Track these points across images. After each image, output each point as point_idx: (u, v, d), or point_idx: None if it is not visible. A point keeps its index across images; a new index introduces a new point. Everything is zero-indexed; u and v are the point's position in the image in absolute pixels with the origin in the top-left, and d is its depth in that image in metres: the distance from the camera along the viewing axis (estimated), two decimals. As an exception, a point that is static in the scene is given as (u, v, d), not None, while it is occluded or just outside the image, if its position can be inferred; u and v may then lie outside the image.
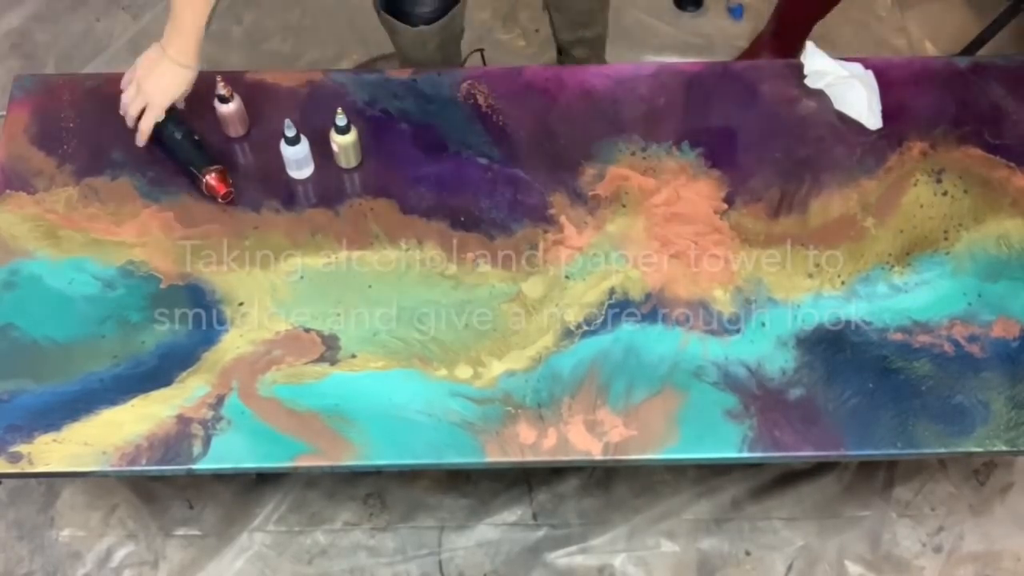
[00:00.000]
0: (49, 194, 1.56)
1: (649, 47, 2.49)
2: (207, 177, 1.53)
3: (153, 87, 1.52)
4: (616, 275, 1.51)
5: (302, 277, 1.50)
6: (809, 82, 1.66)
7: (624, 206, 1.57)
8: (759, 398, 1.42)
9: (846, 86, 1.63)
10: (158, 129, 1.56)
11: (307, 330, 1.46)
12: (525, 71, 1.72)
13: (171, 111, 1.56)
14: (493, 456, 1.38)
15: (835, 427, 1.40)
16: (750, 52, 2.34)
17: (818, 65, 1.66)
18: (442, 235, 1.54)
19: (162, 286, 1.49)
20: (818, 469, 1.94)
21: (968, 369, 1.45)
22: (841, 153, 1.63)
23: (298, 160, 1.55)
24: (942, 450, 1.40)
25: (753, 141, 1.63)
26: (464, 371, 1.43)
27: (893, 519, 1.91)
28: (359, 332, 1.46)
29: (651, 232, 1.55)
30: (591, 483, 1.92)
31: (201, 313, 1.47)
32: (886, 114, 1.66)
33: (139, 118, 1.55)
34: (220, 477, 1.89)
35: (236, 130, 1.61)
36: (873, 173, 1.61)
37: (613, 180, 1.60)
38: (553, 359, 1.44)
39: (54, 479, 1.88)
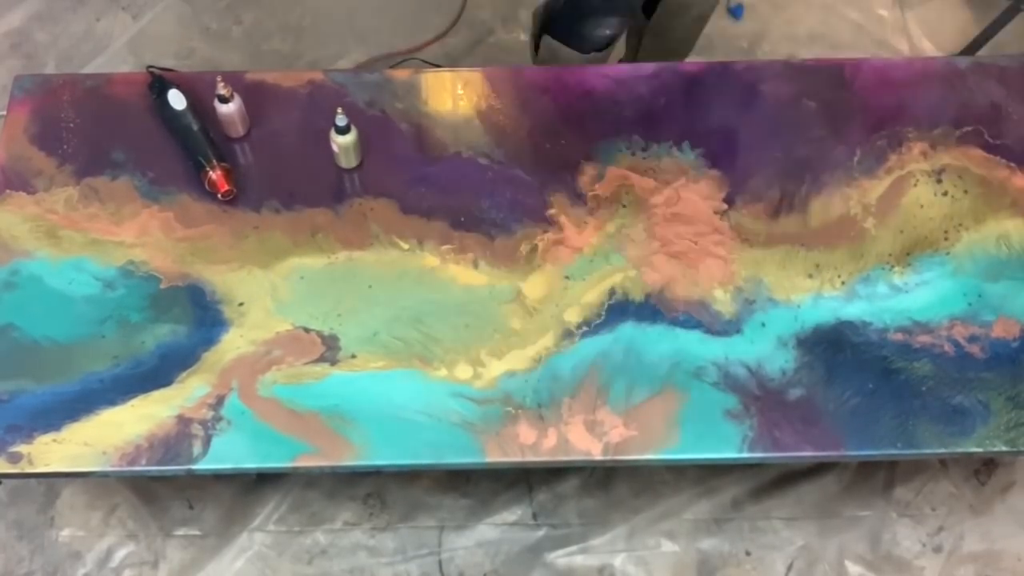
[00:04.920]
0: (49, 194, 1.56)
1: (649, 47, 2.48)
2: (213, 172, 1.53)
3: None
4: (616, 275, 1.51)
5: (302, 277, 1.50)
6: None
7: (624, 206, 1.57)
8: (759, 398, 1.42)
9: None
10: (174, 116, 1.56)
11: (307, 330, 1.46)
12: (525, 71, 1.72)
13: (189, 101, 1.57)
14: (493, 456, 1.38)
15: (835, 427, 1.40)
16: None
17: None
18: (442, 235, 1.54)
19: (162, 286, 1.49)
20: (818, 469, 1.94)
21: (968, 369, 1.44)
22: (841, 153, 1.62)
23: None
24: (942, 450, 1.40)
25: (753, 141, 1.63)
26: (464, 371, 1.43)
27: (893, 519, 1.91)
28: (359, 332, 1.46)
29: (651, 232, 1.55)
30: (591, 483, 1.92)
31: (201, 313, 1.47)
32: (887, 114, 1.66)
33: None
34: (220, 477, 1.89)
35: (236, 130, 1.61)
36: (873, 173, 1.61)
37: (613, 180, 1.59)
38: (553, 359, 1.44)
39: (54, 479, 1.88)
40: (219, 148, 1.57)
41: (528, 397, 1.42)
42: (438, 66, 2.25)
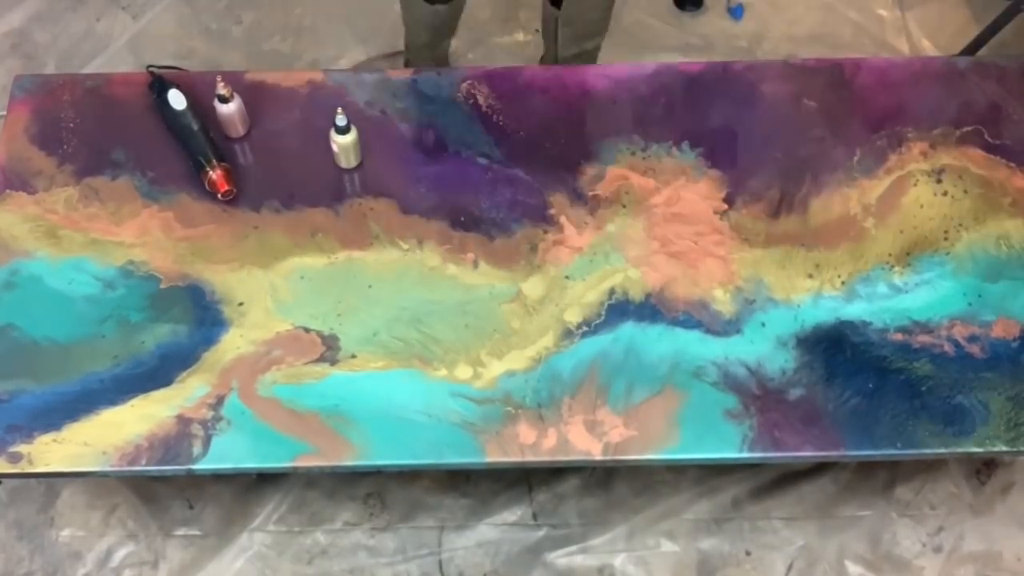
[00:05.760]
0: (49, 194, 1.56)
1: (649, 47, 2.48)
2: (213, 172, 1.52)
3: None
4: (616, 275, 1.51)
5: (302, 277, 1.50)
6: None
7: (624, 206, 1.57)
8: (759, 398, 1.42)
9: None
10: (174, 116, 1.56)
11: (307, 330, 1.46)
12: (525, 71, 1.72)
13: (189, 101, 1.57)
14: (493, 456, 1.38)
15: (835, 427, 1.40)
16: None
17: None
18: (442, 235, 1.54)
19: (162, 286, 1.49)
20: (818, 469, 1.94)
21: (968, 369, 1.44)
22: (841, 153, 1.62)
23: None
24: (942, 450, 1.40)
25: (753, 141, 1.63)
26: (464, 371, 1.43)
27: (893, 519, 1.90)
28: (359, 332, 1.46)
29: (651, 232, 1.55)
30: (591, 483, 1.92)
31: (201, 313, 1.46)
32: (887, 114, 1.66)
33: None
34: (220, 477, 1.89)
35: (236, 130, 1.61)
36: (873, 173, 1.61)
37: (613, 180, 1.59)
38: (553, 359, 1.44)
39: (54, 479, 1.88)
40: (219, 148, 1.57)
41: (528, 397, 1.42)
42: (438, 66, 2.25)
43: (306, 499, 1.90)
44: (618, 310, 1.48)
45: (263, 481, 1.90)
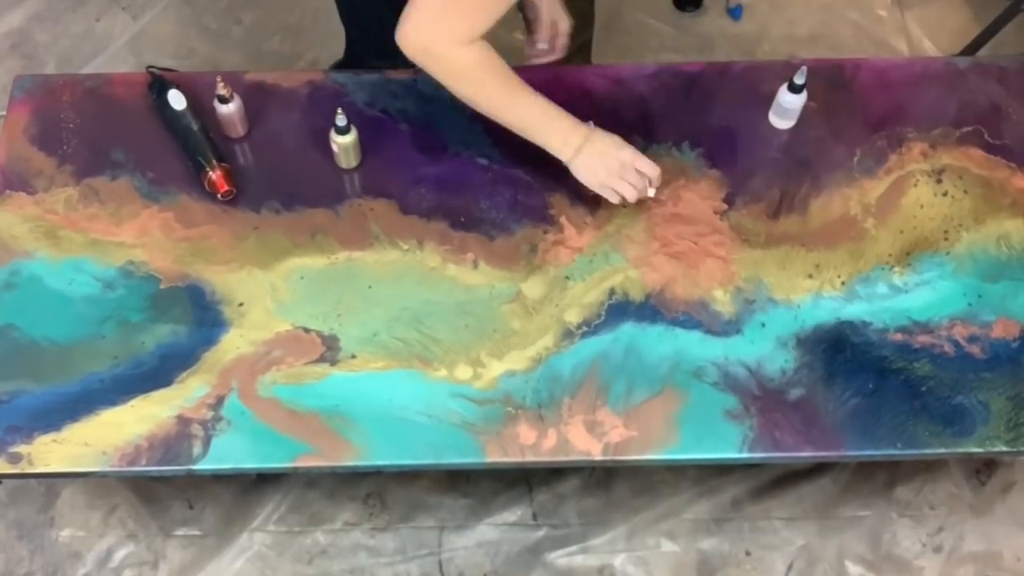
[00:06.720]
0: (49, 194, 1.56)
1: (649, 47, 2.49)
2: (213, 172, 1.52)
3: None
4: (616, 275, 1.51)
5: (302, 277, 1.50)
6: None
7: (624, 206, 1.56)
8: (759, 398, 1.42)
9: None
10: (174, 116, 1.57)
11: (307, 330, 1.46)
12: (524, 71, 1.72)
13: (189, 101, 1.57)
14: (493, 456, 1.38)
15: (835, 427, 1.40)
16: None
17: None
18: (442, 235, 1.54)
19: (162, 286, 1.49)
20: (818, 469, 1.94)
21: (968, 369, 1.44)
22: (841, 153, 1.62)
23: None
24: (942, 450, 1.40)
25: (753, 141, 1.63)
26: (464, 371, 1.43)
27: (893, 519, 1.91)
28: (359, 332, 1.46)
29: (651, 232, 1.55)
30: (591, 483, 1.93)
31: (201, 313, 1.46)
32: (887, 114, 1.66)
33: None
34: (220, 477, 1.89)
35: (236, 130, 1.61)
36: (873, 173, 1.61)
37: (613, 180, 1.59)
38: (553, 359, 1.44)
39: (54, 479, 1.88)
40: (219, 148, 1.57)
41: (528, 397, 1.42)
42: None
43: (306, 499, 1.90)
44: (618, 310, 1.48)
45: (263, 481, 1.91)
